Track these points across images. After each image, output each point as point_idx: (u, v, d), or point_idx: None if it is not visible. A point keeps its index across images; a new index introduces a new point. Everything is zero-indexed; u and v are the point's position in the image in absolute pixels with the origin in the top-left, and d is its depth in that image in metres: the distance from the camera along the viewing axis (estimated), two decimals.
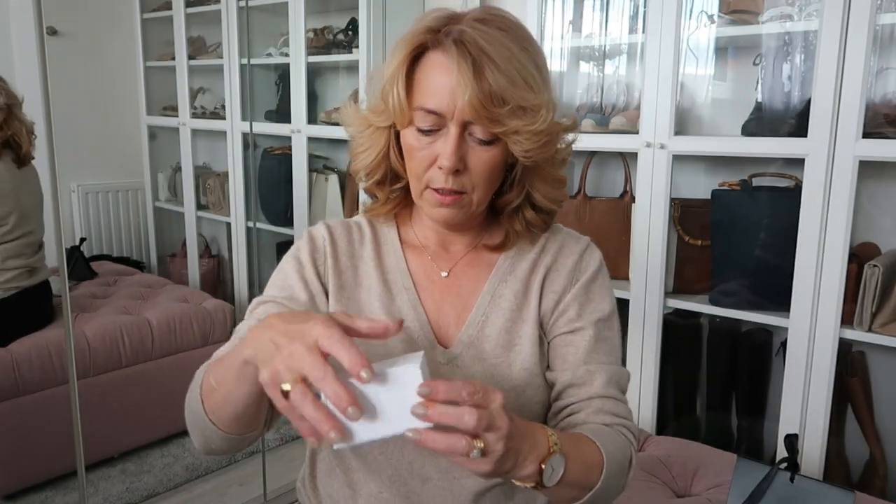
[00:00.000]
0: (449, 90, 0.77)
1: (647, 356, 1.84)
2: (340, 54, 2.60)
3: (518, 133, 0.79)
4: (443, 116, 0.79)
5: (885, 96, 1.60)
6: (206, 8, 2.95)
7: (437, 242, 0.93)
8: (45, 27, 1.51)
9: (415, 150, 0.82)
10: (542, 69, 0.82)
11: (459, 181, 0.81)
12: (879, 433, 1.69)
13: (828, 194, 1.52)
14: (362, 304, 0.90)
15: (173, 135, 3.17)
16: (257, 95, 2.87)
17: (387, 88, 0.81)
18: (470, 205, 0.84)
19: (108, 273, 2.70)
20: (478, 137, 0.80)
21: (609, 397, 0.86)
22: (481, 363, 0.86)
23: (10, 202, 1.94)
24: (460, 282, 0.92)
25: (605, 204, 1.99)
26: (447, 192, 0.81)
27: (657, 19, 1.72)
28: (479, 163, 0.81)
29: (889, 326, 1.52)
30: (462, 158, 0.80)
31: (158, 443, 2.24)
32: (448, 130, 0.79)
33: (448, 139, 0.79)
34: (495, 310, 0.89)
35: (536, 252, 0.93)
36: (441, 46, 0.78)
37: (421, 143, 0.81)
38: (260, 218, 2.91)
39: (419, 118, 0.80)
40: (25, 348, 1.92)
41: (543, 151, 0.82)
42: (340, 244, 0.93)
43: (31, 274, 2.02)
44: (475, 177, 0.81)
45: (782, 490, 1.03)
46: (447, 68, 0.77)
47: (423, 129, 0.80)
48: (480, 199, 0.84)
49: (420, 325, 0.89)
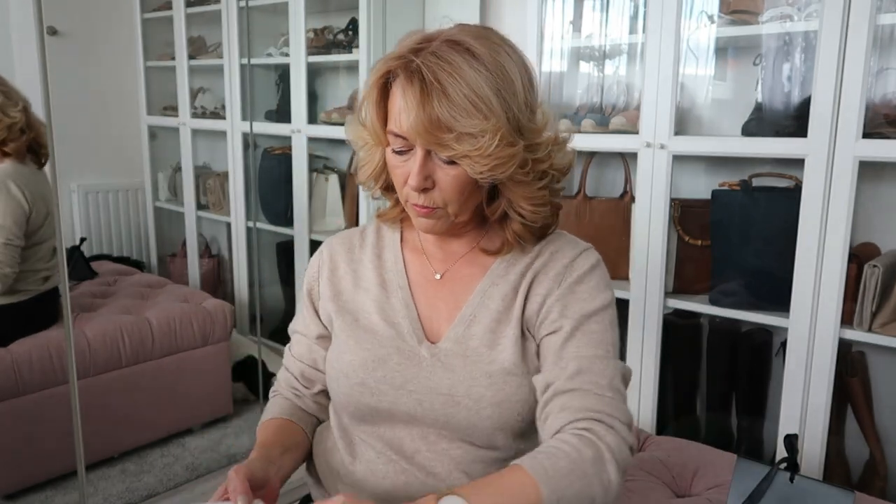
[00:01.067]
0: (407, 118, 0.82)
1: (647, 356, 1.84)
2: (340, 54, 2.60)
3: (468, 157, 0.82)
4: (408, 139, 0.84)
5: (885, 96, 1.60)
6: (206, 8, 2.95)
7: (435, 245, 0.98)
8: (45, 27, 1.51)
9: (393, 169, 0.89)
10: (504, 92, 0.82)
11: (430, 198, 0.86)
12: (879, 433, 1.69)
13: (828, 194, 1.52)
14: (358, 304, 0.98)
15: (173, 135, 3.17)
16: (257, 95, 2.87)
17: (364, 113, 0.88)
18: (447, 216, 0.89)
19: (108, 273, 2.70)
20: (440, 156, 0.84)
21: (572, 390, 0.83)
22: (463, 359, 0.90)
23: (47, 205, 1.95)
24: (454, 282, 0.96)
25: (605, 204, 1.99)
26: (421, 208, 0.87)
27: (657, 19, 1.72)
28: (446, 180, 0.85)
29: (889, 326, 1.52)
30: (429, 177, 0.85)
31: (158, 443, 2.24)
32: (416, 151, 0.84)
33: (415, 160, 0.84)
34: (483, 310, 0.93)
35: (531, 257, 0.95)
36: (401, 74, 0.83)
37: (397, 162, 0.87)
38: (260, 218, 2.91)
39: (391, 140, 0.86)
40: (25, 348, 1.92)
41: (495, 173, 0.84)
42: (338, 257, 1.02)
43: (46, 279, 2.02)
44: (445, 193, 0.86)
45: (782, 490, 1.03)
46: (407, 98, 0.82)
47: (395, 150, 0.86)
48: (457, 212, 0.88)
49: (410, 321, 0.95)
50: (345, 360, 0.95)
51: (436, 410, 0.90)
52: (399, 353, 0.93)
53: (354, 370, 0.93)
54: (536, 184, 0.90)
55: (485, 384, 0.88)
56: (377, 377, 0.92)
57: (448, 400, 0.89)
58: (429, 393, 0.90)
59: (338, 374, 0.95)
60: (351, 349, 0.95)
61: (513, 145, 0.83)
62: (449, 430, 0.91)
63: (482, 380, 0.89)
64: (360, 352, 0.94)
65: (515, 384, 0.89)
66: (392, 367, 0.92)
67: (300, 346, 1.04)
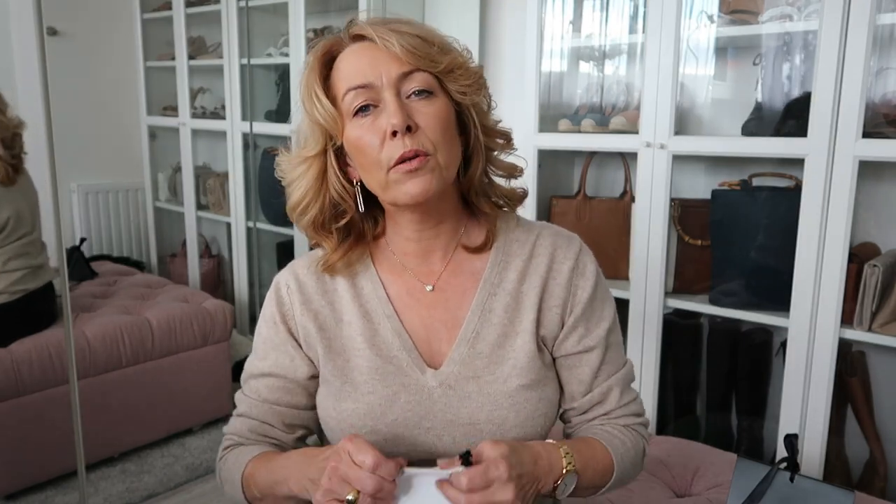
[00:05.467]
0: (370, 61, 0.80)
1: (647, 356, 1.84)
2: None
3: (453, 71, 0.82)
4: (373, 88, 0.80)
5: (885, 96, 1.60)
6: (206, 8, 2.95)
7: (417, 254, 0.89)
8: (45, 27, 1.51)
9: (362, 138, 0.80)
10: None
11: (417, 140, 0.78)
12: (879, 433, 1.69)
13: (828, 194, 1.52)
14: (346, 340, 0.88)
15: (173, 135, 3.17)
16: (257, 95, 2.87)
17: (308, 105, 0.82)
18: (439, 167, 0.79)
19: (108, 273, 2.70)
20: (416, 91, 0.80)
21: (626, 404, 0.93)
22: (476, 381, 0.84)
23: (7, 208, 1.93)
24: (446, 294, 0.89)
25: (605, 204, 1.99)
26: (411, 156, 0.77)
27: (657, 19, 1.72)
28: (428, 118, 0.79)
29: (889, 326, 1.52)
30: (410, 117, 0.78)
31: (158, 443, 2.24)
32: (384, 99, 0.79)
33: (388, 104, 0.79)
34: (486, 325, 0.87)
35: (524, 259, 0.89)
36: (349, 42, 0.83)
37: (365, 128, 0.80)
38: (260, 218, 2.91)
39: (350, 100, 0.80)
40: (26, 348, 1.92)
41: (479, 90, 0.85)
42: (308, 287, 0.91)
43: (36, 275, 2.01)
44: (430, 132, 0.79)
45: (782, 490, 1.03)
46: (362, 49, 0.81)
47: (358, 107, 0.80)
48: (447, 160, 0.80)
49: (407, 351, 0.86)
50: (346, 409, 0.85)
51: (457, 442, 0.83)
52: (406, 391, 0.84)
53: (361, 419, 0.84)
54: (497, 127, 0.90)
55: (506, 405, 0.83)
56: (388, 422, 0.84)
57: (470, 430, 0.83)
58: (448, 426, 0.84)
59: (341, 426, 0.86)
60: (351, 396, 0.85)
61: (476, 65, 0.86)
62: None
63: (503, 401, 0.84)
64: (363, 397, 0.85)
65: (536, 399, 0.85)
66: (402, 406, 0.84)
67: (276, 392, 0.90)
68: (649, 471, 1.49)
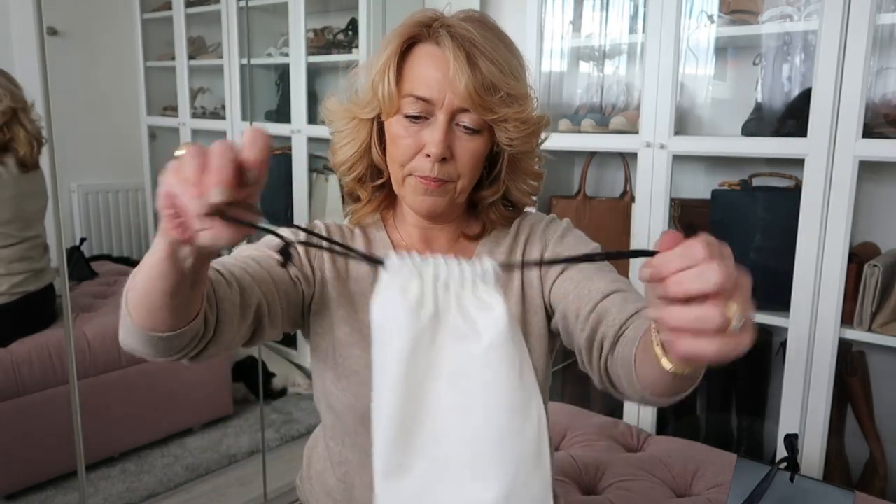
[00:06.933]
0: (438, 80, 0.81)
1: None
2: (340, 54, 2.60)
3: (507, 121, 0.83)
4: (432, 104, 0.81)
5: (885, 96, 1.60)
6: (206, 8, 2.95)
7: (421, 240, 0.94)
8: (45, 27, 1.51)
9: (401, 139, 0.83)
10: (523, 64, 0.87)
11: (445, 170, 0.83)
12: (879, 433, 1.69)
13: (828, 194, 1.52)
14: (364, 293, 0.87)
15: (173, 135, 3.16)
16: (257, 95, 2.87)
17: (377, 78, 0.84)
18: (454, 192, 0.85)
19: (108, 273, 2.70)
20: (465, 126, 0.82)
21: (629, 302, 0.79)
22: None
23: (11, 207, 1.94)
24: None
25: (605, 204, 1.99)
26: (433, 180, 0.83)
27: (657, 19, 1.72)
28: (465, 152, 0.83)
29: (889, 326, 1.52)
30: (449, 147, 0.82)
31: (158, 443, 2.24)
32: (436, 119, 0.82)
33: (436, 127, 0.81)
34: None
35: (511, 237, 0.95)
36: (433, 39, 0.82)
37: (408, 132, 0.83)
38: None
39: (408, 105, 0.82)
40: (26, 348, 1.92)
41: (527, 141, 0.86)
42: (335, 236, 0.94)
43: (38, 278, 2.01)
44: (461, 165, 0.84)
45: (782, 490, 1.03)
46: (439, 59, 0.81)
47: (411, 114, 0.82)
48: (464, 188, 0.86)
49: None
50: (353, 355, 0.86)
51: None
52: None
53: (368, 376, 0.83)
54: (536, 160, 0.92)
55: None
56: None
57: None
58: None
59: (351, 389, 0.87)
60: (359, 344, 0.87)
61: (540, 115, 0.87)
62: None
63: None
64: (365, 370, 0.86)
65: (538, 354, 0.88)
66: None
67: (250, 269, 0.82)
68: (649, 471, 1.49)
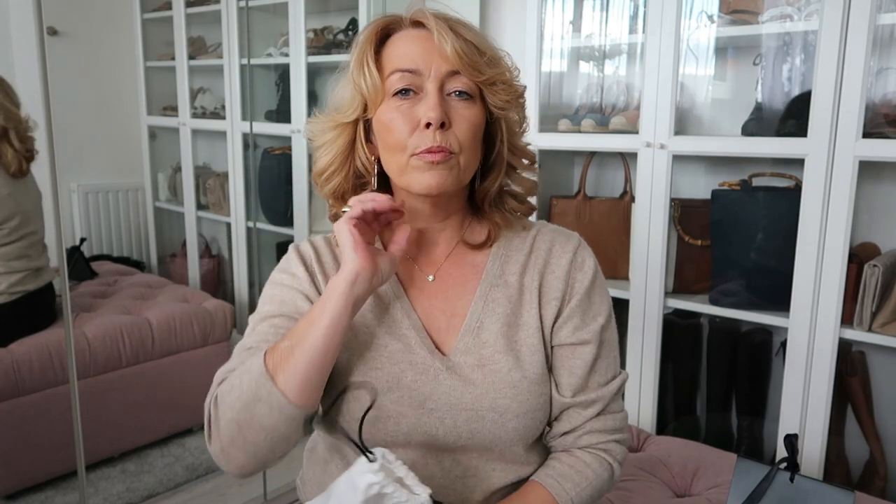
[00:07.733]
0: (422, 52, 0.82)
1: (647, 356, 1.84)
2: (340, 54, 2.60)
3: (495, 84, 0.84)
4: (419, 75, 0.82)
5: (885, 96, 1.60)
6: (206, 8, 2.95)
7: (419, 245, 0.92)
8: (45, 27, 1.51)
9: (394, 120, 0.82)
10: None
11: (447, 138, 0.81)
12: (879, 433, 1.69)
13: (828, 194, 1.52)
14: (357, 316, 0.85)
15: (173, 135, 3.17)
16: (257, 95, 2.87)
17: (356, 72, 0.84)
18: (458, 168, 0.83)
19: (108, 273, 2.70)
20: (458, 90, 0.83)
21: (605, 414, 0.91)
22: (481, 369, 0.85)
23: (9, 206, 1.94)
24: (446, 285, 0.91)
25: (605, 204, 1.99)
26: (436, 150, 0.80)
27: (657, 19, 1.72)
28: (462, 119, 0.83)
29: (889, 326, 1.52)
30: (446, 114, 0.81)
31: (158, 443, 2.24)
32: (426, 90, 0.82)
33: (429, 96, 0.81)
34: (490, 315, 0.88)
35: (525, 253, 0.92)
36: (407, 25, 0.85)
37: (400, 110, 0.82)
38: (260, 218, 2.91)
39: (395, 81, 0.82)
40: (25, 348, 1.92)
41: (517, 105, 0.88)
42: (326, 259, 0.91)
43: (37, 276, 2.01)
44: (460, 134, 0.82)
45: (782, 490, 1.03)
46: (419, 37, 0.83)
47: (399, 89, 0.82)
48: (467, 163, 0.84)
49: (416, 331, 0.88)
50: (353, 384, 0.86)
51: (458, 426, 0.84)
52: (413, 368, 0.85)
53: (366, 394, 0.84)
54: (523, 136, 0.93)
55: (509, 395, 0.84)
56: (393, 398, 0.84)
57: (472, 415, 0.84)
58: (451, 409, 0.84)
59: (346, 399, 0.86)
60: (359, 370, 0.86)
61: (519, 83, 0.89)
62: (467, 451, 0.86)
63: (506, 390, 0.84)
64: (370, 372, 0.85)
65: (538, 393, 0.86)
66: (408, 384, 0.84)
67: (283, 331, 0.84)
68: (649, 471, 1.49)
